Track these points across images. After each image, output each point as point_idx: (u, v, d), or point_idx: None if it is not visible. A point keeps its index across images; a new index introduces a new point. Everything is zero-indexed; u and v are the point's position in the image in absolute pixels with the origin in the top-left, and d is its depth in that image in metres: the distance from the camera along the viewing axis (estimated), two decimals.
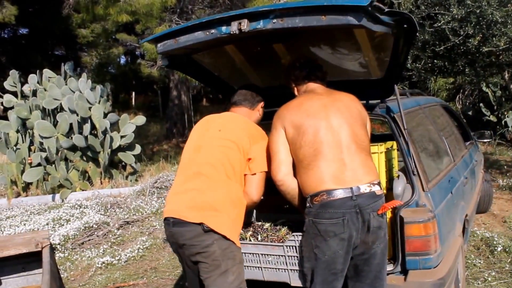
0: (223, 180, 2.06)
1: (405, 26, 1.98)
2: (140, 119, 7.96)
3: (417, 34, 6.64)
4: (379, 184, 2.06)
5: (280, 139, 2.12)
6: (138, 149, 7.99)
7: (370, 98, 2.62)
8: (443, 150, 3.17)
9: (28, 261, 2.71)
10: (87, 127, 7.17)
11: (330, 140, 2.04)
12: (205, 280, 2.01)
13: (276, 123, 2.16)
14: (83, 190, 7.19)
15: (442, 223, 2.37)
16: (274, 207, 2.72)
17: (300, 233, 2.16)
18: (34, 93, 7.65)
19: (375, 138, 3.28)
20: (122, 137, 7.68)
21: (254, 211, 2.86)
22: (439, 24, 6.61)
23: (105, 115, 7.53)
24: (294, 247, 2.19)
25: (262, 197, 2.22)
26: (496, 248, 3.74)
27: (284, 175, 2.10)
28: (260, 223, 2.53)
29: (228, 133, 2.16)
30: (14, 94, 7.91)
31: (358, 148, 2.06)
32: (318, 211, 1.98)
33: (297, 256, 2.19)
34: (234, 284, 2.02)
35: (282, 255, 2.22)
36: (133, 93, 21.37)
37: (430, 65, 7.59)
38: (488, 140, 4.62)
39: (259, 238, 2.33)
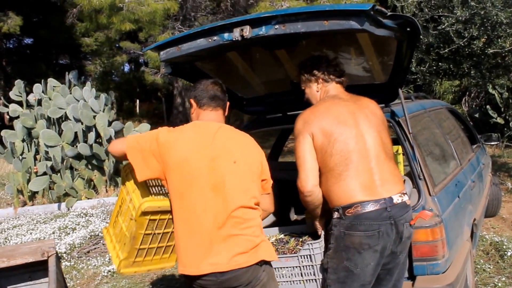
0: (254, 213, 1.92)
1: (408, 29, 1.97)
2: (145, 127, 7.96)
3: (421, 37, 6.62)
4: (406, 193, 2.04)
5: (307, 147, 2.02)
6: None
7: None
8: (450, 154, 3.14)
9: (34, 270, 2.72)
10: (91, 136, 7.19)
11: (361, 149, 1.99)
12: None
13: (302, 130, 2.04)
14: (88, 199, 7.19)
15: (449, 227, 2.34)
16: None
17: (316, 241, 2.13)
18: (39, 102, 7.68)
19: None
20: None
21: None
22: (443, 27, 6.57)
23: (110, 123, 7.54)
24: (308, 256, 2.14)
25: None
26: (506, 252, 3.68)
27: (313, 186, 2.01)
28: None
29: (245, 165, 1.92)
30: (20, 103, 7.95)
31: (386, 157, 2.03)
32: (352, 223, 1.92)
33: (312, 265, 2.14)
34: None
35: (297, 266, 2.17)
36: (137, 101, 21.44)
37: (435, 68, 7.55)
38: (496, 142, 4.58)
39: None
